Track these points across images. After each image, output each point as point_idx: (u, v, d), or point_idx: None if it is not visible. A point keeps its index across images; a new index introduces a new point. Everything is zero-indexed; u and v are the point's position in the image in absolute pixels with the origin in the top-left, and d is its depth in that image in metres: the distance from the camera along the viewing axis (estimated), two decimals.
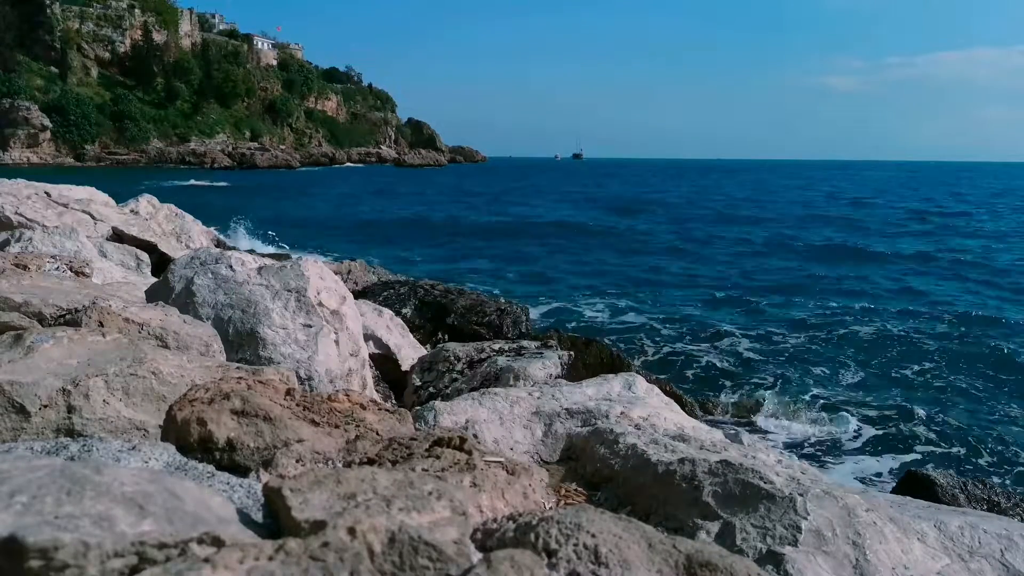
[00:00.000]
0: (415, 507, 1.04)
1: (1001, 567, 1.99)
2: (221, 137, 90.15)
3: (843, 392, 9.51)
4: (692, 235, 27.76)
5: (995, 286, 17.67)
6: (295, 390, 1.75)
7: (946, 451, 7.77)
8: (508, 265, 19.88)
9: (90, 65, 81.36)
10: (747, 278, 18.30)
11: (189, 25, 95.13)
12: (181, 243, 7.86)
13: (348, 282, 7.19)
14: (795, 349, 11.55)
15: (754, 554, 1.85)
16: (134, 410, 1.79)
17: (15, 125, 68.76)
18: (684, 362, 10.70)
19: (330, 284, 3.59)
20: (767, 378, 9.96)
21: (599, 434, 2.59)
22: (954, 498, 4.43)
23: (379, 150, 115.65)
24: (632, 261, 21.20)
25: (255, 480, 1.36)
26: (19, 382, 1.70)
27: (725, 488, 2.04)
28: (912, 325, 13.33)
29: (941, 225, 33.32)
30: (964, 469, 7.07)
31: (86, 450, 1.35)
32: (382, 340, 5.08)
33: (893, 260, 21.91)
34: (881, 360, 11.01)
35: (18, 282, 2.83)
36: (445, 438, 1.51)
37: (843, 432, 8.09)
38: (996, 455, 7.69)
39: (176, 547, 0.86)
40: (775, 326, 13.05)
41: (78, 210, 6.34)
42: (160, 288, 3.43)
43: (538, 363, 4.35)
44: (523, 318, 7.06)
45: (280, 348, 3.16)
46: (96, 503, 0.88)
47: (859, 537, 1.87)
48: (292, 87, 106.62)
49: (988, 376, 10.30)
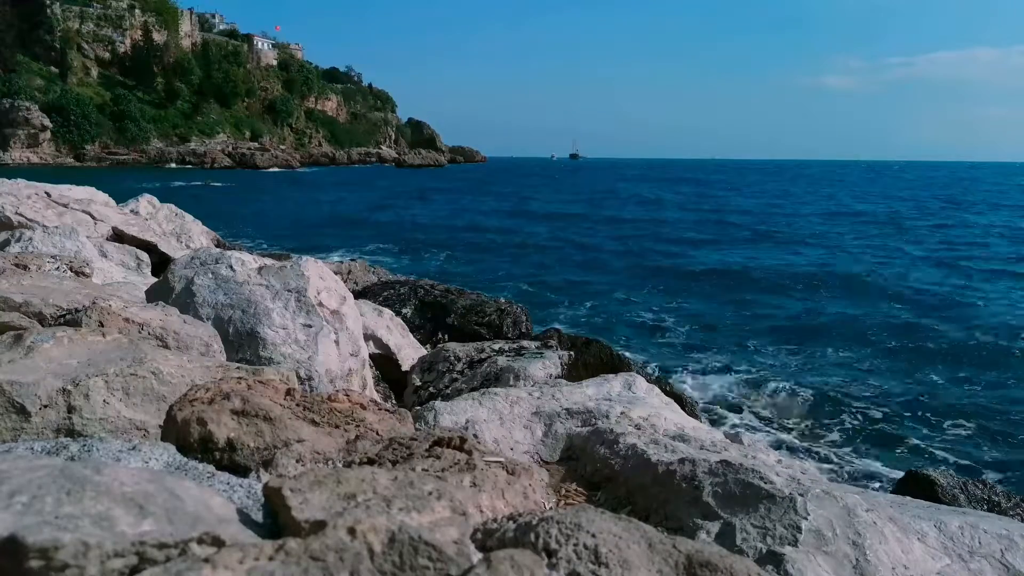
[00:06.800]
0: (415, 507, 1.04)
1: (1001, 567, 1.99)
2: (221, 137, 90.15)
3: (843, 392, 9.50)
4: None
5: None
6: (295, 390, 1.75)
7: (946, 451, 7.77)
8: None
9: (90, 65, 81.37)
10: (749, 278, 18.30)
11: (189, 25, 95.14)
12: (181, 243, 7.86)
13: (348, 282, 7.19)
14: (796, 349, 11.55)
15: (754, 554, 1.85)
16: (134, 410, 1.79)
17: (15, 125, 68.73)
18: (684, 362, 10.71)
19: (330, 284, 3.59)
20: (768, 378, 9.96)
21: (599, 434, 2.59)
22: (954, 498, 4.42)
23: (379, 150, 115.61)
24: (630, 259, 21.23)
25: (255, 480, 1.36)
26: (19, 382, 1.70)
27: (725, 488, 2.04)
28: (912, 326, 13.33)
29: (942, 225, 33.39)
30: (964, 469, 7.07)
31: (86, 450, 1.35)
32: (382, 340, 5.07)
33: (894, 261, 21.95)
34: (881, 360, 11.01)
35: (18, 282, 2.83)
36: (445, 438, 1.51)
37: (843, 432, 8.09)
38: (996, 455, 7.69)
39: (176, 547, 0.86)
40: (775, 326, 13.05)
41: (78, 210, 6.34)
42: (160, 288, 3.43)
43: (538, 363, 4.35)
44: (523, 318, 7.05)
45: (280, 348, 3.16)
46: (96, 503, 0.88)
47: (859, 537, 1.87)
48: (292, 87, 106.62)
49: (989, 376, 10.30)
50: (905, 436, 8.07)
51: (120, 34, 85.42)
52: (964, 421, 8.56)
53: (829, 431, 8.11)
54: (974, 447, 7.88)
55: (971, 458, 7.62)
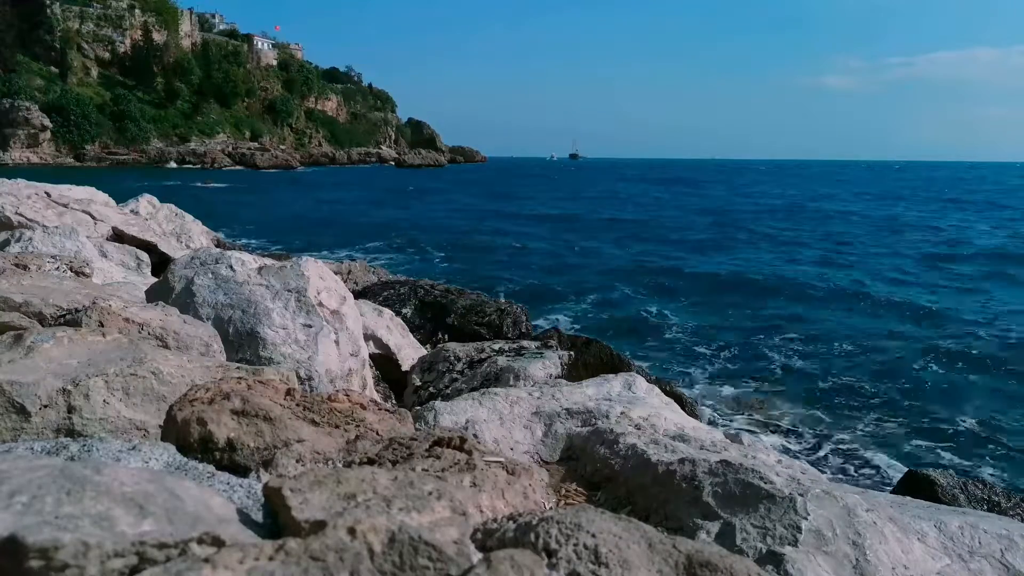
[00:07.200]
0: (415, 507, 1.04)
1: (1001, 567, 1.99)
2: (221, 137, 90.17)
3: (844, 392, 9.50)
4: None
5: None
6: (295, 390, 1.75)
7: (946, 451, 7.77)
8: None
9: (90, 65, 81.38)
10: (749, 279, 18.30)
11: (189, 25, 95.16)
12: (181, 243, 7.86)
13: (348, 282, 7.19)
14: (796, 350, 11.55)
15: (754, 554, 1.85)
16: (134, 410, 1.79)
17: (15, 125, 68.73)
18: (685, 362, 10.71)
19: (330, 284, 3.59)
20: (768, 378, 9.96)
21: (599, 434, 2.59)
22: (954, 498, 4.42)
23: (379, 150, 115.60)
24: (637, 257, 21.23)
25: (255, 480, 1.36)
26: (19, 382, 1.70)
27: (725, 488, 2.04)
28: (912, 326, 13.34)
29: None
30: (964, 469, 7.07)
31: (86, 450, 1.35)
32: (382, 340, 5.08)
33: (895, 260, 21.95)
34: (881, 360, 11.00)
35: (18, 282, 2.83)
36: (445, 438, 1.51)
37: (843, 432, 8.09)
38: (996, 455, 7.69)
39: (176, 547, 0.86)
40: (775, 327, 13.05)
41: (78, 210, 6.34)
42: (160, 288, 3.43)
43: (538, 363, 4.35)
44: (523, 318, 7.05)
45: (280, 348, 3.16)
46: (96, 503, 0.88)
47: (859, 537, 1.87)
48: (292, 87, 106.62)
49: (988, 377, 10.30)
50: (905, 436, 8.07)
51: (120, 34, 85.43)
52: (965, 421, 8.56)
53: (829, 431, 8.11)
54: (974, 447, 7.88)
55: (971, 458, 7.62)
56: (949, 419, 8.60)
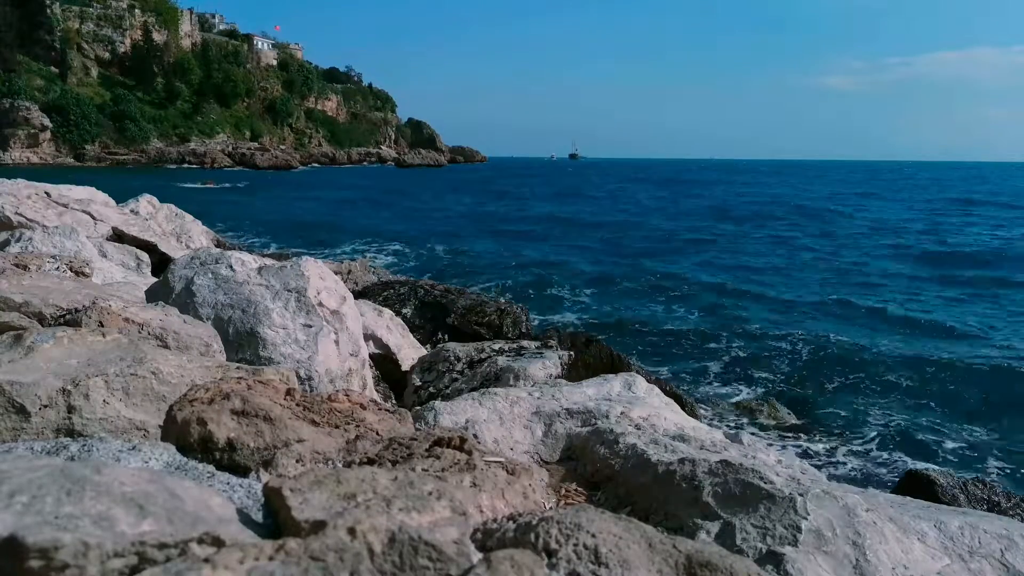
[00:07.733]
0: (415, 507, 1.04)
1: (1001, 567, 1.99)
2: (221, 137, 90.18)
3: (844, 392, 9.51)
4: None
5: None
6: (295, 390, 1.75)
7: (946, 451, 7.78)
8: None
9: (90, 65, 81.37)
10: (749, 280, 18.30)
11: (189, 25, 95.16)
12: (181, 243, 7.86)
13: (348, 282, 7.19)
14: (796, 350, 11.55)
15: (754, 554, 1.85)
16: (134, 410, 1.79)
17: (15, 125, 68.73)
18: (685, 362, 10.72)
19: (330, 284, 3.59)
20: (768, 378, 9.96)
21: (599, 434, 2.59)
22: (954, 498, 4.43)
23: (379, 150, 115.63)
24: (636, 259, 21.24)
25: (255, 480, 1.36)
26: (19, 382, 1.70)
27: (725, 488, 2.04)
28: (913, 327, 13.34)
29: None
30: (964, 469, 7.07)
31: (86, 450, 1.35)
32: (382, 340, 5.08)
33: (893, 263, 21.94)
34: (882, 360, 11.00)
35: (18, 282, 2.83)
36: (445, 438, 1.51)
37: (843, 432, 8.09)
38: (996, 455, 7.69)
39: (176, 547, 0.86)
40: (775, 328, 13.05)
41: (78, 210, 6.34)
42: (160, 288, 3.43)
43: (538, 363, 4.35)
44: (523, 318, 7.06)
45: (280, 348, 3.16)
46: (96, 503, 0.88)
47: (859, 537, 1.87)
48: (292, 87, 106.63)
49: (988, 378, 10.30)
50: (906, 436, 8.07)
51: (120, 34, 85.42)
52: (964, 421, 8.57)
53: (829, 431, 8.11)
54: (974, 447, 7.88)
55: (971, 458, 7.62)
56: (949, 420, 8.60)
